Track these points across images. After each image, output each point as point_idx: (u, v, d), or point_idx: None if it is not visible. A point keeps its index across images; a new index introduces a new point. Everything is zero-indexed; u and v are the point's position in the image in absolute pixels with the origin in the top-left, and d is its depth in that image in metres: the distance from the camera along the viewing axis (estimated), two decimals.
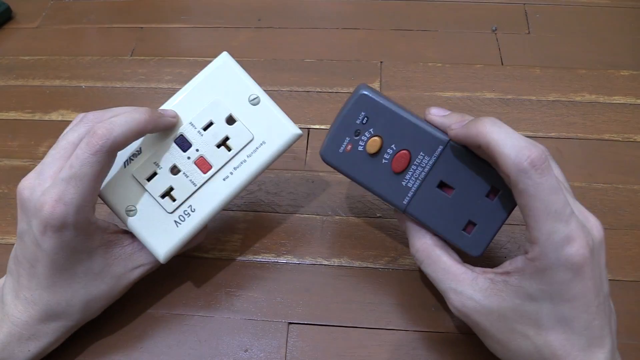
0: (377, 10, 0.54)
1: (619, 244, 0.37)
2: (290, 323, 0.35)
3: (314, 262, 0.37)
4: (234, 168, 0.33)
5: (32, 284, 0.29)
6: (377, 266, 0.37)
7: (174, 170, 0.32)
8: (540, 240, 0.24)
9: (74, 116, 0.47)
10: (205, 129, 0.33)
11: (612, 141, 0.43)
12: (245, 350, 0.34)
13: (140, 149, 0.32)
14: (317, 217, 0.40)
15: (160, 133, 0.33)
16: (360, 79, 0.48)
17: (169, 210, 0.32)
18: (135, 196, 0.32)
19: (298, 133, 0.33)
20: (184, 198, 0.32)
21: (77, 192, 0.28)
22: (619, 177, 0.41)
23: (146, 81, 0.49)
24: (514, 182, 0.25)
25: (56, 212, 0.27)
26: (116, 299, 0.33)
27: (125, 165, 0.32)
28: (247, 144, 0.33)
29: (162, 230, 0.32)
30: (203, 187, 0.33)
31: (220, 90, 0.33)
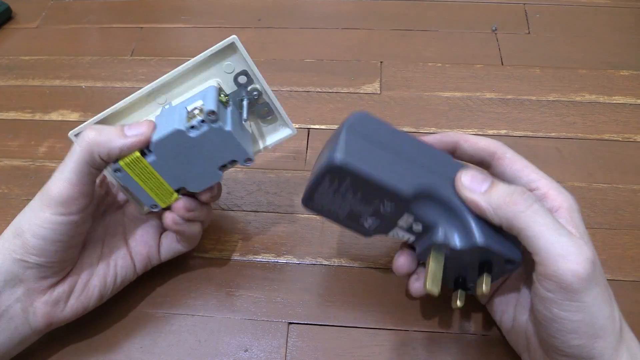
0: (377, 10, 0.54)
1: (619, 244, 0.37)
2: (290, 323, 0.35)
3: (314, 262, 0.37)
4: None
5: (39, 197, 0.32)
6: (377, 266, 0.37)
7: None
8: (543, 260, 0.24)
9: (74, 116, 0.47)
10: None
11: (612, 141, 0.43)
12: (245, 350, 0.34)
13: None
14: (317, 217, 0.40)
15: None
16: (360, 79, 0.48)
17: None
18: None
19: (291, 132, 0.33)
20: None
21: (111, 128, 0.31)
22: (619, 177, 0.41)
23: (146, 81, 0.49)
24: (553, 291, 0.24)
25: (91, 132, 0.32)
26: (43, 250, 0.29)
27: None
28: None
29: None
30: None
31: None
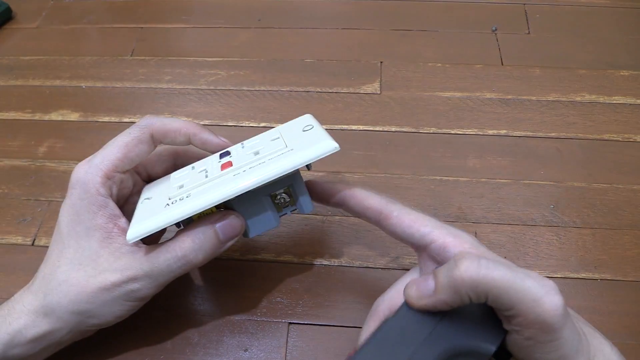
0: (377, 10, 0.54)
1: (619, 244, 0.37)
2: (290, 323, 0.35)
3: (314, 262, 0.37)
4: (250, 167, 0.29)
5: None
6: (377, 266, 0.37)
7: (201, 171, 0.31)
8: (518, 309, 0.23)
9: (74, 116, 0.47)
10: (250, 144, 0.31)
11: (612, 141, 0.43)
12: (245, 350, 0.34)
13: (194, 166, 0.32)
14: (317, 217, 0.40)
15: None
16: (360, 79, 0.48)
17: (171, 195, 0.29)
18: (159, 188, 0.32)
19: (334, 146, 0.28)
20: (190, 187, 0.29)
21: (102, 153, 0.30)
22: (619, 177, 0.41)
23: (146, 81, 0.49)
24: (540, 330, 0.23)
25: (77, 170, 0.29)
26: (91, 307, 0.29)
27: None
28: (276, 151, 0.29)
29: (151, 212, 0.29)
30: (212, 181, 0.29)
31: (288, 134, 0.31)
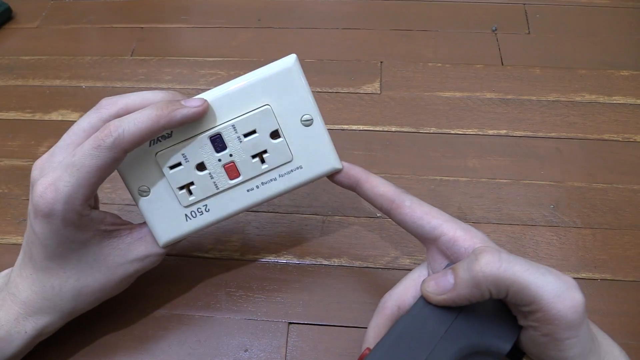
0: (377, 10, 0.54)
1: (619, 244, 0.37)
2: (290, 323, 0.35)
3: (314, 262, 0.37)
4: (262, 183, 0.31)
5: (31, 263, 0.29)
6: (377, 266, 0.37)
7: (200, 168, 0.30)
8: (543, 305, 0.23)
9: (74, 116, 0.47)
10: (246, 135, 0.30)
11: (612, 141, 0.43)
12: (245, 350, 0.34)
13: (171, 132, 0.29)
14: (317, 217, 0.40)
15: (195, 122, 0.29)
16: (360, 79, 0.48)
17: (184, 204, 0.31)
18: (152, 179, 0.30)
19: (338, 167, 0.31)
20: (202, 197, 0.31)
21: (71, 181, 0.27)
22: (619, 177, 0.41)
23: (146, 81, 0.49)
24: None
25: (46, 196, 0.26)
26: (111, 294, 0.31)
27: (150, 144, 0.29)
28: (283, 164, 0.31)
29: (170, 218, 0.31)
30: (224, 192, 0.31)
31: (276, 96, 0.30)
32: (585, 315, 0.23)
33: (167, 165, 0.30)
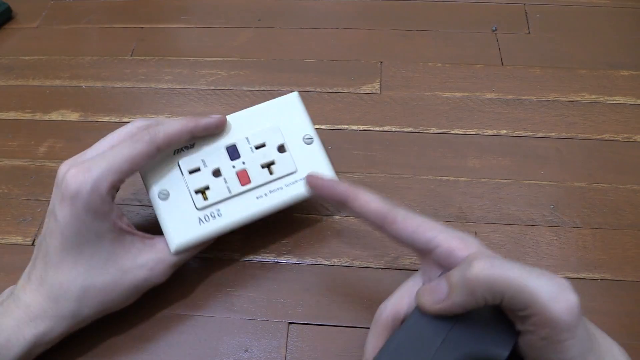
0: (377, 10, 0.54)
1: (619, 244, 0.37)
2: (290, 323, 0.35)
3: (314, 262, 0.37)
4: (270, 191, 0.35)
5: (43, 262, 0.30)
6: (377, 266, 0.37)
7: (216, 173, 0.34)
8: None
9: (74, 116, 0.47)
10: (257, 148, 0.35)
11: (612, 141, 0.43)
12: (245, 350, 0.34)
13: (194, 143, 0.34)
14: (317, 217, 0.40)
15: (215, 136, 0.34)
16: (360, 79, 0.48)
17: (198, 206, 0.33)
18: (173, 183, 0.33)
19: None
20: (216, 200, 0.33)
21: (103, 165, 0.29)
22: (619, 177, 0.41)
23: (146, 81, 0.49)
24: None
25: (77, 176, 0.29)
26: (113, 303, 0.31)
27: (174, 153, 0.34)
28: (288, 174, 0.35)
29: (184, 222, 0.33)
30: (236, 197, 0.34)
31: (282, 119, 0.36)
32: (580, 315, 0.23)
33: (188, 170, 0.34)
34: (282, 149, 0.36)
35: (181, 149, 0.34)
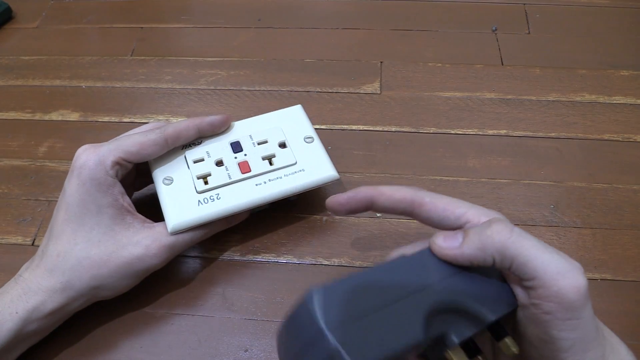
0: (377, 10, 0.54)
1: (619, 244, 0.37)
2: None
3: (314, 262, 0.37)
4: (269, 180, 0.36)
5: (47, 237, 0.32)
6: None
7: (219, 164, 0.36)
8: (546, 283, 0.23)
9: (74, 116, 0.47)
10: (260, 144, 0.37)
11: (612, 141, 0.43)
12: (245, 350, 0.34)
13: (201, 140, 0.37)
14: (317, 217, 0.40)
15: (220, 135, 0.37)
16: (360, 79, 0.48)
17: (199, 189, 0.34)
18: (177, 171, 0.35)
19: (335, 176, 0.36)
20: (216, 185, 0.35)
21: (111, 146, 0.32)
22: (619, 177, 0.41)
23: (146, 81, 0.49)
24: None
25: (87, 152, 0.32)
26: (107, 279, 0.31)
27: (182, 148, 0.36)
28: (288, 165, 0.36)
29: (184, 204, 0.34)
30: (236, 184, 0.35)
31: (284, 123, 0.38)
32: (587, 300, 0.23)
33: (192, 160, 0.36)
34: (283, 145, 0.37)
35: (189, 145, 0.36)
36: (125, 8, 0.56)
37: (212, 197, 0.34)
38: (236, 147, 0.36)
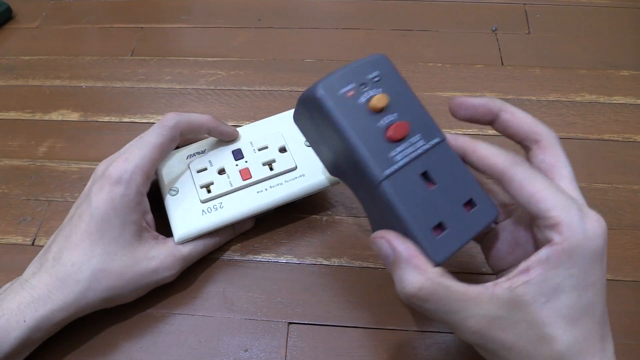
0: (377, 10, 0.54)
1: (619, 244, 0.37)
2: (290, 323, 0.35)
3: (314, 262, 0.37)
4: (270, 186, 0.36)
5: (61, 244, 0.32)
6: (377, 266, 0.37)
7: (221, 171, 0.36)
8: (562, 218, 0.24)
9: (74, 116, 0.47)
10: (260, 150, 0.37)
11: (612, 141, 0.43)
12: (245, 350, 0.34)
13: (204, 150, 0.37)
14: (317, 217, 0.40)
15: (223, 143, 0.38)
16: None
17: (202, 198, 0.35)
18: (183, 182, 0.36)
19: (335, 180, 0.36)
20: (218, 193, 0.35)
21: (140, 154, 0.32)
22: (619, 177, 0.41)
23: (146, 81, 0.49)
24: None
25: (119, 165, 0.32)
26: (121, 291, 0.32)
27: (187, 158, 0.37)
28: (288, 170, 0.36)
29: (188, 214, 0.35)
30: (238, 192, 0.36)
31: (284, 128, 0.38)
32: (598, 261, 0.24)
33: (196, 169, 0.36)
34: (283, 150, 0.37)
35: (194, 154, 0.37)
36: (125, 8, 0.56)
37: (215, 206, 0.35)
38: (237, 154, 0.37)
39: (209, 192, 0.36)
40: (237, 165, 0.36)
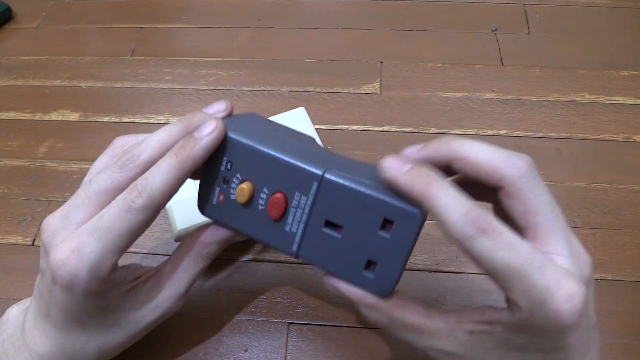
0: (377, 10, 0.54)
1: (619, 244, 0.37)
2: (290, 323, 0.35)
3: None
4: None
5: (49, 319, 0.27)
6: None
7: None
8: (519, 302, 0.21)
9: (74, 116, 0.47)
10: None
11: (612, 141, 0.43)
12: (245, 350, 0.34)
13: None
14: None
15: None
16: (360, 79, 0.48)
17: None
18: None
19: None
20: None
21: (98, 246, 0.24)
22: (619, 177, 0.41)
23: (146, 81, 0.49)
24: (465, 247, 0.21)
25: (68, 264, 0.24)
26: (136, 340, 0.30)
27: None
28: None
29: (189, 209, 0.35)
30: None
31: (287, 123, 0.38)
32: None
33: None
34: None
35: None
36: (125, 8, 0.56)
37: None
38: None
39: None
40: None
